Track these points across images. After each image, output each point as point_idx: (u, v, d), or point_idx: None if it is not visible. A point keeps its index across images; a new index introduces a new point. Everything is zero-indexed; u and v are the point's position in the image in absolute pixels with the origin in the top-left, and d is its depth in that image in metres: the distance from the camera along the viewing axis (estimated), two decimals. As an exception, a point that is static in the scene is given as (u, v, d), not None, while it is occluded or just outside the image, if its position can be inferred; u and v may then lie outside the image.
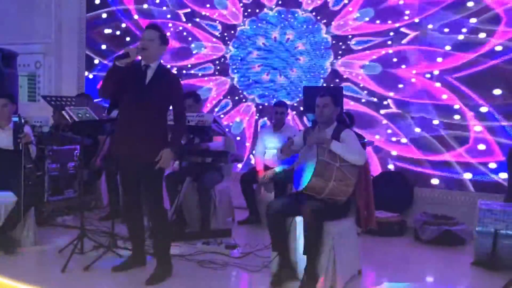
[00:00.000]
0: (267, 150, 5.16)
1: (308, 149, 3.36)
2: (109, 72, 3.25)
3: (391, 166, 5.33)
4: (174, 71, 6.20)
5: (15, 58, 4.94)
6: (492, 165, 4.91)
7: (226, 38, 6.20)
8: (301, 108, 5.67)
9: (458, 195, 5.01)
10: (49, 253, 3.87)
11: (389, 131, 5.36)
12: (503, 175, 4.81)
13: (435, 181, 5.14)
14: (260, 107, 6.06)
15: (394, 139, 5.33)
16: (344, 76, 5.60)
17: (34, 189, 4.12)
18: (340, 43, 5.62)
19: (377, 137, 5.39)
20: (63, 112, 3.47)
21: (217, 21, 6.25)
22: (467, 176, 5.01)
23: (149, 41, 3.22)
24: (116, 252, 3.69)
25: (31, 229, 4.04)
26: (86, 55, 6.97)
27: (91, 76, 6.98)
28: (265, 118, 6.00)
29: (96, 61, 6.95)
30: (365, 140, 4.74)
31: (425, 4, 5.20)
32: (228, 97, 6.22)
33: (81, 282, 3.28)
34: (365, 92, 5.50)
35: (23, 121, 3.97)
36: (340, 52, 5.63)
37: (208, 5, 6.27)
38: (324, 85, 5.64)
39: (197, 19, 6.33)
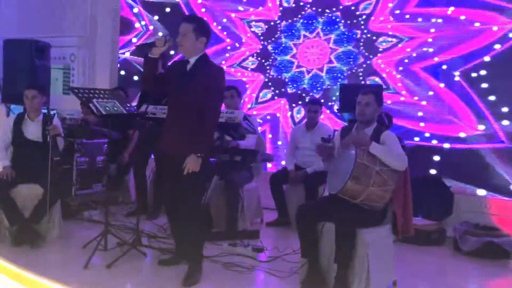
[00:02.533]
0: (299, 151, 4.98)
1: (344, 150, 3.15)
2: (144, 65, 3.27)
3: (432, 171, 5.04)
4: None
5: (48, 50, 4.92)
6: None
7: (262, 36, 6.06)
8: (336, 108, 5.46)
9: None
10: (73, 247, 3.81)
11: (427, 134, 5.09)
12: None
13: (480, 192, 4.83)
14: (294, 105, 5.89)
15: (434, 142, 5.05)
16: (383, 74, 5.37)
17: (61, 182, 4.07)
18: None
19: (416, 139, 5.12)
20: (90, 105, 3.38)
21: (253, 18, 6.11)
22: (514, 184, 4.68)
23: (182, 36, 3.11)
24: (140, 250, 3.59)
25: (56, 223, 4.02)
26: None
27: (122, 72, 6.96)
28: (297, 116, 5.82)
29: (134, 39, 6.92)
30: (406, 142, 4.48)
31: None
32: (265, 90, 6.08)
33: (103, 280, 3.19)
34: (404, 92, 5.24)
35: (52, 113, 3.93)
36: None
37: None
38: (362, 82, 5.42)
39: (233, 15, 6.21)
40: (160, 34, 6.30)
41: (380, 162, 2.98)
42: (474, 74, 4.90)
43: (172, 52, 5.63)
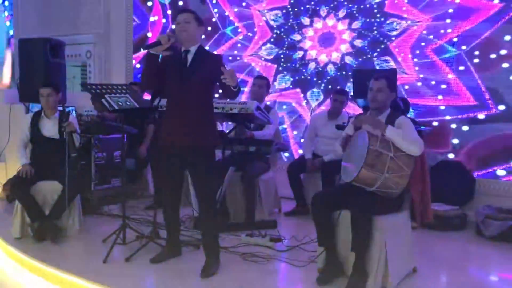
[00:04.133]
0: (319, 138, 4.92)
1: (357, 135, 3.10)
2: (145, 63, 3.26)
3: (451, 155, 4.94)
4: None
5: (63, 48, 4.96)
6: None
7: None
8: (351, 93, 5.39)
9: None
10: (93, 242, 3.86)
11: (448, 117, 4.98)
12: None
13: (500, 172, 4.71)
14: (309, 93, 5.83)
15: (454, 125, 4.94)
16: (398, 58, 5.26)
17: (79, 178, 4.12)
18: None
19: (435, 123, 5.02)
20: (102, 100, 3.40)
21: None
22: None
23: (186, 23, 3.13)
24: (158, 243, 3.61)
25: (76, 218, 4.07)
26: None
27: (138, 65, 7.01)
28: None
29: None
30: (422, 127, 4.39)
31: None
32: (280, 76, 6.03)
33: (122, 273, 3.22)
34: (422, 75, 5.13)
35: (69, 110, 3.96)
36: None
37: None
38: (377, 66, 5.32)
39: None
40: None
41: (394, 148, 2.92)
42: (493, 55, 4.76)
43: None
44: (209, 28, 6.38)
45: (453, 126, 4.92)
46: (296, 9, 5.87)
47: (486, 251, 3.86)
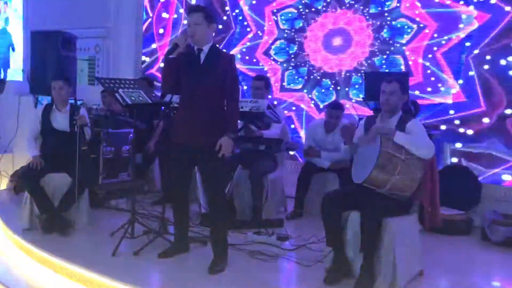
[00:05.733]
0: (318, 147, 4.86)
1: (368, 139, 3.10)
2: (165, 69, 3.26)
3: (454, 159, 4.95)
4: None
5: (75, 42, 4.97)
6: None
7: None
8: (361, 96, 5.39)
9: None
10: (101, 235, 3.88)
11: (457, 121, 4.98)
12: None
13: (506, 177, 4.72)
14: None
15: (461, 130, 4.95)
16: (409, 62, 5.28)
17: (89, 171, 4.14)
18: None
19: (443, 127, 5.02)
20: (116, 95, 3.42)
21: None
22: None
23: (195, 26, 3.13)
24: (166, 238, 3.63)
25: (84, 211, 4.09)
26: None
27: (148, 59, 7.03)
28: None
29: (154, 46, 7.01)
30: (432, 131, 4.39)
31: None
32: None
33: (130, 267, 3.25)
34: (433, 78, 5.14)
35: (79, 103, 3.98)
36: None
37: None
38: (386, 70, 5.33)
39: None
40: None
41: (406, 151, 2.94)
42: (503, 62, 4.76)
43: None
44: (220, 26, 6.39)
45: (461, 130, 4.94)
46: (307, 10, 5.88)
47: (492, 256, 3.87)
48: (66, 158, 3.94)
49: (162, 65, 3.57)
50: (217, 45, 3.33)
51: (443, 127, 5.00)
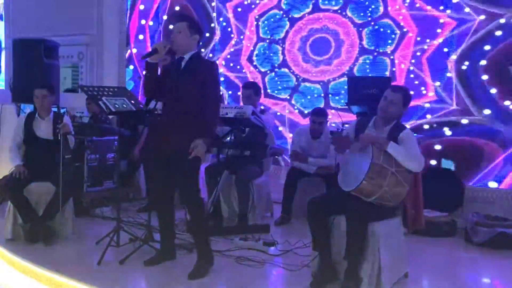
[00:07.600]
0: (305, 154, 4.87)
1: (359, 146, 3.10)
2: (146, 72, 3.30)
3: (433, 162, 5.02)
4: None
5: (57, 49, 4.94)
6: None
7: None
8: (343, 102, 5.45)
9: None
10: (86, 244, 3.85)
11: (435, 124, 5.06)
12: None
13: (489, 179, 4.81)
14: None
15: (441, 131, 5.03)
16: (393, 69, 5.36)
17: (73, 179, 4.11)
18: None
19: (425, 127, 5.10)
20: (99, 102, 3.41)
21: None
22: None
23: (177, 34, 3.20)
24: (152, 245, 3.62)
25: (69, 220, 4.05)
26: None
27: (131, 67, 7.01)
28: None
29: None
30: (420, 136, 4.43)
31: None
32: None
33: (116, 275, 3.23)
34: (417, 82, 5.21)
35: (62, 111, 3.96)
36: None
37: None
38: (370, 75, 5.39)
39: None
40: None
41: (396, 163, 2.96)
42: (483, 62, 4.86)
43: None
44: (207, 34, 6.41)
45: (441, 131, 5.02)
46: (289, 15, 5.93)
47: (475, 257, 3.92)
48: (49, 167, 3.91)
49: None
50: (200, 53, 3.37)
51: (425, 126, 5.08)
